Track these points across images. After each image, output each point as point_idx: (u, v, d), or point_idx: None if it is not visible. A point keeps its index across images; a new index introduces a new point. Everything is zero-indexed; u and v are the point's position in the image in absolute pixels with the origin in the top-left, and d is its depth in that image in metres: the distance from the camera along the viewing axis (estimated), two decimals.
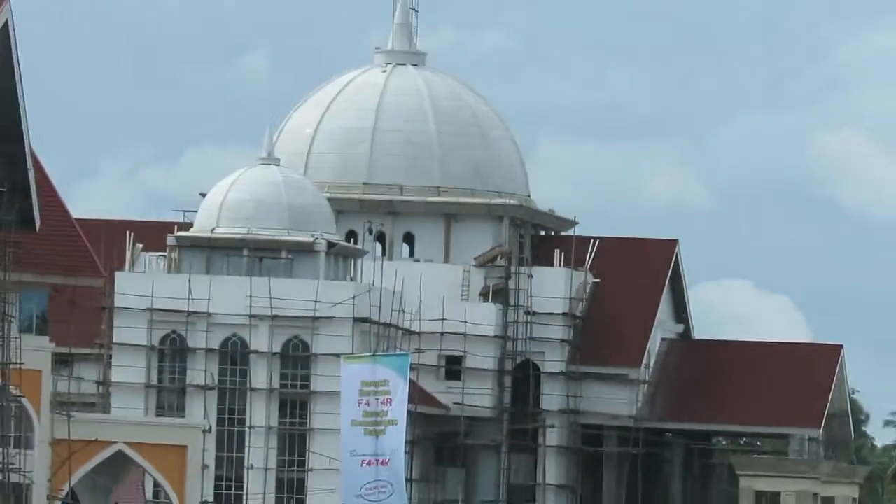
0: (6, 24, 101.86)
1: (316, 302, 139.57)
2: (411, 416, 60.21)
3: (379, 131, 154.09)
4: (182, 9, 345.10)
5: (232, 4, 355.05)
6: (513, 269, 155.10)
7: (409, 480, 56.77)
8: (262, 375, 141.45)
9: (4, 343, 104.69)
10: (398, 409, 59.49)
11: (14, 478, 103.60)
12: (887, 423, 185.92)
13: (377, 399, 59.52)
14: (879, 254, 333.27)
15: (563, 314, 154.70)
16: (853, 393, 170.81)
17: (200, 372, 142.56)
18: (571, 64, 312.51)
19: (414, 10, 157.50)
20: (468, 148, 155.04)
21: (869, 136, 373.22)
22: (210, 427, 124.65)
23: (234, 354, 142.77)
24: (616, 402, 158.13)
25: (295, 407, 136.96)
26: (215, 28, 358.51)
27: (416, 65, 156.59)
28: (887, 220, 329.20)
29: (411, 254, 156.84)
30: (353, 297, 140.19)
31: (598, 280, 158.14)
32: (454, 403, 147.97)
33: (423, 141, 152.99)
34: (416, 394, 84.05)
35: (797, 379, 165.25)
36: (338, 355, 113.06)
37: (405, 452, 63.74)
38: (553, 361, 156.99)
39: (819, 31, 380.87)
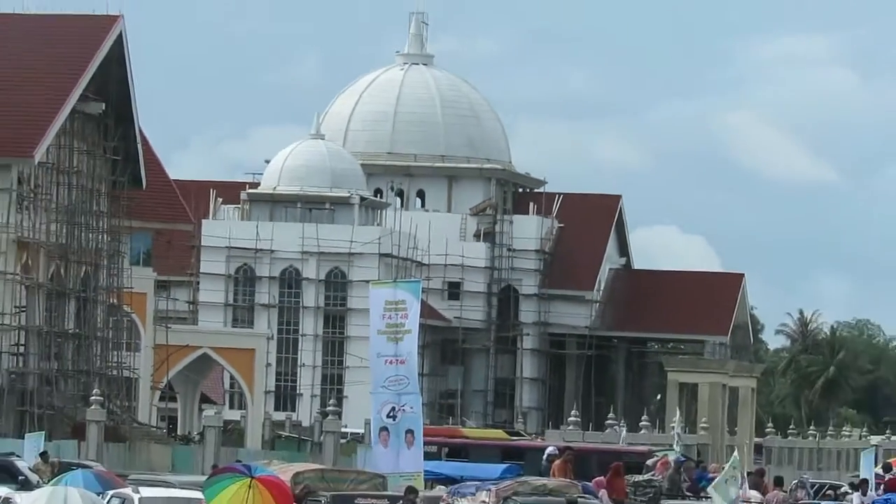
0: (120, 34, 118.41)
1: (351, 242, 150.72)
2: (422, 327, 65.98)
3: (398, 114, 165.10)
4: (253, 21, 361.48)
5: (289, 22, 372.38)
6: (498, 217, 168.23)
7: (421, 375, 64.05)
8: (311, 297, 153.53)
9: (119, 273, 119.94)
10: (412, 322, 63.47)
11: (126, 374, 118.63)
12: (777, 332, 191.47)
13: (397, 314, 67.25)
14: (771, 204, 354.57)
15: (536, 251, 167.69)
16: (752, 309, 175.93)
17: (265, 294, 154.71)
18: (544, 63, 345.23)
19: (425, 23, 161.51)
20: (465, 126, 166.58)
21: (763, 116, 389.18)
22: (272, 335, 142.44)
23: (289, 280, 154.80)
24: (575, 316, 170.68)
25: (335, 320, 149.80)
26: (278, 37, 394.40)
27: (426, 64, 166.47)
28: (776, 179, 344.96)
29: (422, 206, 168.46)
30: (379, 238, 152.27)
31: (562, 225, 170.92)
32: (454, 318, 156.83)
33: (432, 121, 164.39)
34: (426, 310, 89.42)
35: (710, 299, 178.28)
36: (367, 282, 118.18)
37: (418, 354, 66.72)
38: (528, 286, 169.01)
39: (729, 38, 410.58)
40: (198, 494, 45.83)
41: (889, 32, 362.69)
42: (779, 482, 74.37)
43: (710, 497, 65.57)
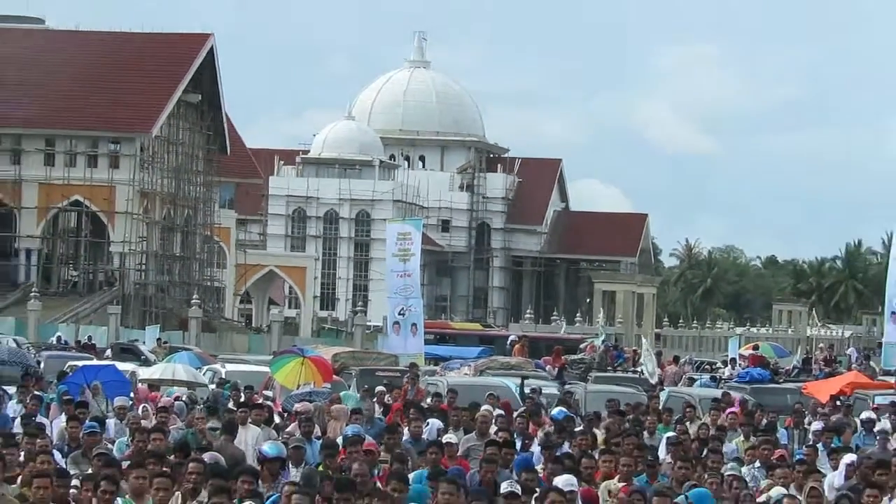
0: (212, 47, 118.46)
1: (373, 192, 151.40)
2: (422, 251, 65.57)
3: (406, 102, 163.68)
4: (305, 33, 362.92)
5: (330, 35, 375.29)
6: (475, 174, 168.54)
7: (421, 285, 63.69)
8: (345, 230, 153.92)
9: (211, 213, 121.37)
10: (416, 247, 60.72)
11: (216, 284, 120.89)
12: (671, 255, 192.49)
13: (405, 242, 66.37)
14: (670, 166, 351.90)
15: (502, 198, 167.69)
16: (653, 239, 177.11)
17: (313, 228, 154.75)
18: (509, 66, 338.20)
19: (424, 39, 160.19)
20: (452, 110, 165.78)
21: (668, 104, 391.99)
22: (318, 257, 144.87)
23: (330, 219, 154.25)
24: (529, 243, 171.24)
25: (362, 246, 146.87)
26: (323, 45, 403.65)
27: (425, 67, 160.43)
28: (675, 148, 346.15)
29: (423, 167, 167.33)
30: (392, 189, 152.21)
31: (520, 180, 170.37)
32: (445, 244, 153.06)
33: (429, 107, 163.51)
34: (425, 240, 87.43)
35: (624, 231, 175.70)
36: (384, 220, 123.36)
37: (420, 270, 66.59)
38: (497, 222, 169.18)
39: (646, 44, 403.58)
40: (266, 368, 46.52)
41: (761, 41, 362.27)
42: (676, 360, 74.56)
43: (625, 370, 65.98)
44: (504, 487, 18.79)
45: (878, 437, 32.39)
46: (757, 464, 25.60)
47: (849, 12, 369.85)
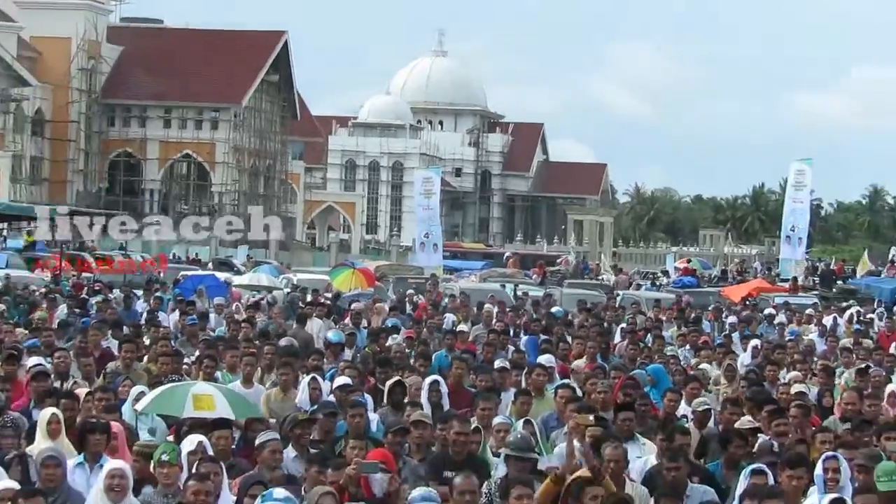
0: (286, 41, 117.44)
1: (404, 147, 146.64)
2: (441, 191, 65.33)
3: (430, 81, 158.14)
4: (354, 28, 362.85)
5: (375, 29, 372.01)
6: (480, 135, 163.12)
7: (441, 216, 63.05)
8: (384, 175, 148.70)
9: (285, 163, 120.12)
10: (436, 188, 61.20)
11: (290, 214, 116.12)
12: (624, 193, 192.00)
13: (428, 184, 66.41)
14: (621, 130, 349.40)
15: (500, 152, 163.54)
16: (611, 182, 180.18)
17: (360, 174, 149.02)
18: (506, 53, 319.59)
19: (442, 34, 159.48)
20: (463, 87, 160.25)
21: (624, 83, 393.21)
22: (364, 195, 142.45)
23: (373, 167, 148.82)
24: (520, 184, 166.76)
25: (397, 188, 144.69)
26: (367, 36, 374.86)
27: (444, 55, 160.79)
28: (625, 114, 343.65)
29: (441, 129, 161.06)
30: (418, 146, 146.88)
31: (513, 139, 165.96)
32: (458, 186, 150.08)
33: (446, 85, 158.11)
34: (443, 182, 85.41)
35: (590, 176, 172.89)
36: (413, 168, 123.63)
37: (439, 205, 65.63)
38: (496, 170, 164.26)
39: (609, 35, 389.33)
40: (326, 277, 47.07)
41: (689, 31, 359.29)
42: (623, 271, 74.49)
43: (591, 278, 65.99)
44: (497, 364, 18.84)
45: (776, 328, 32.90)
46: (687, 347, 25.79)
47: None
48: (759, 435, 13.27)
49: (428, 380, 16.56)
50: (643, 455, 12.82)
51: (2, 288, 38.59)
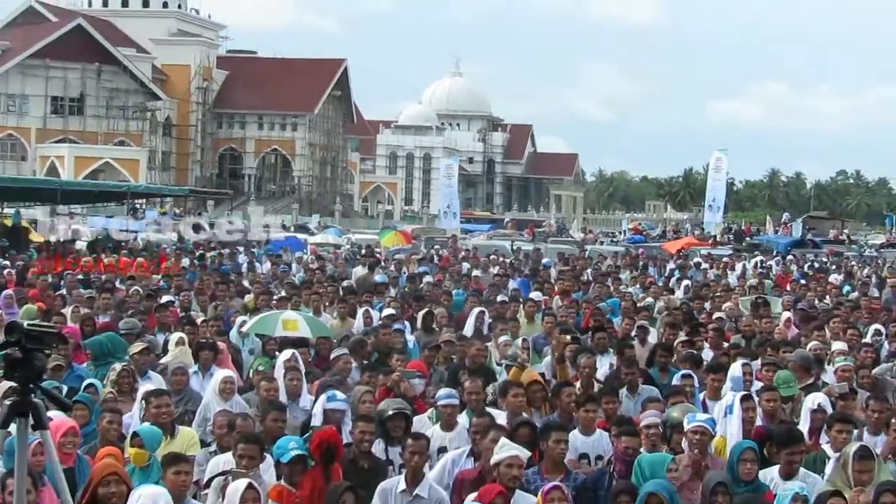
0: (346, 67, 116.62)
1: (432, 143, 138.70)
2: (459, 175, 63.79)
3: (450, 95, 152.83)
4: (389, 55, 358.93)
5: (405, 56, 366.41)
6: (486, 133, 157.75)
7: (459, 192, 62.13)
8: (418, 164, 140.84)
9: (346, 154, 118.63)
10: (455, 172, 56.82)
11: (349, 192, 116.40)
12: (591, 175, 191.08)
13: (450, 170, 64.45)
14: (590, 129, 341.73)
15: (501, 146, 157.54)
16: (581, 166, 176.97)
17: (401, 162, 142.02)
18: (505, 75, 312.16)
19: (458, 61, 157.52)
20: (475, 98, 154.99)
21: (589, 95, 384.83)
22: (403, 178, 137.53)
23: (409, 157, 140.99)
24: (516, 169, 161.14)
25: (427, 171, 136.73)
26: (403, 58, 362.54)
27: (460, 75, 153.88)
28: (592, 118, 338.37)
29: (458, 129, 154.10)
30: (442, 141, 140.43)
31: (510, 136, 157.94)
32: (471, 171, 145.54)
33: (462, 97, 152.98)
34: (460, 168, 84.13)
35: (566, 163, 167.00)
36: (438, 157, 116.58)
37: (457, 183, 64.76)
38: (497, 159, 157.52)
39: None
40: (376, 237, 47.14)
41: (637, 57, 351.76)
42: (590, 231, 74.50)
43: (567, 237, 65.84)
44: (499, 298, 19.01)
45: (702, 272, 33.03)
46: (638, 286, 25.88)
47: None
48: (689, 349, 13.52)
49: (476, 310, 16.72)
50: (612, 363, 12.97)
51: (144, 245, 39.12)
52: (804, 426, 9.52)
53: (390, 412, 8.82)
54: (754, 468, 7.89)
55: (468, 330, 15.54)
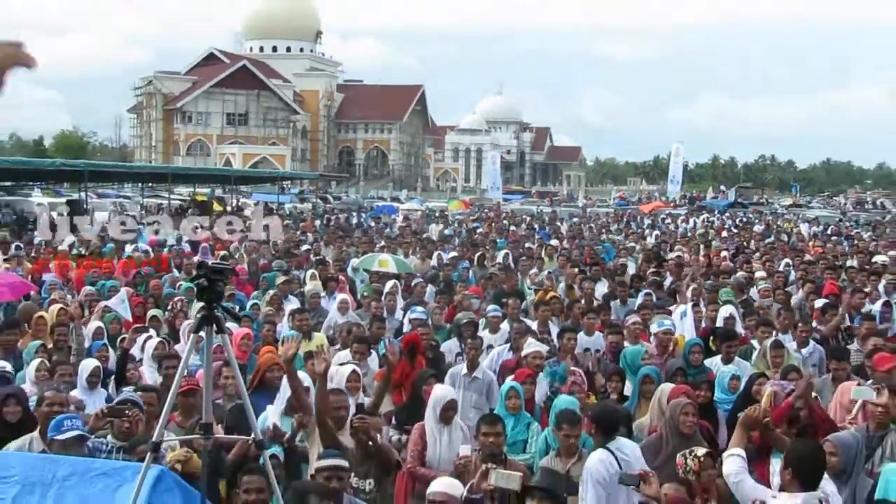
0: (423, 91, 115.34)
1: (482, 142, 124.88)
2: (501, 161, 63.57)
3: (494, 107, 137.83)
4: (453, 80, 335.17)
5: (465, 81, 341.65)
6: (519, 133, 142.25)
7: (500, 174, 60.37)
8: (473, 156, 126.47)
9: (423, 150, 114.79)
10: (498, 160, 61.16)
11: (427, 173, 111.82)
12: (590, 162, 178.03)
13: (495, 159, 66.06)
14: (589, 129, 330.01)
15: (529, 142, 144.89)
16: (584, 155, 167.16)
17: (461, 154, 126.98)
18: (532, 94, 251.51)
19: (501, 84, 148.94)
20: (510, 111, 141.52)
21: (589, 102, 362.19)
22: (462, 165, 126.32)
23: (467, 151, 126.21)
24: (537, 158, 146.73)
25: (479, 161, 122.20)
26: (459, 88, 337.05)
27: (501, 95, 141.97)
28: (588, 121, 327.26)
29: (500, 132, 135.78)
30: (490, 140, 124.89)
31: (535, 135, 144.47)
32: (508, 159, 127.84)
33: (502, 110, 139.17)
34: (501, 158, 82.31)
35: (573, 153, 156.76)
36: (488, 151, 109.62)
37: (500, 168, 63.36)
38: (528, 151, 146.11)
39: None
40: (445, 204, 46.16)
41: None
42: (590, 198, 73.41)
43: (575, 202, 64.69)
44: (527, 245, 18.82)
45: (666, 225, 32.47)
46: (623, 235, 25.63)
47: None
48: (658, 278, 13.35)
49: (502, 252, 16.87)
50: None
51: (289, 212, 39.42)
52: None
53: (464, 321, 8.74)
54: (701, 357, 7.77)
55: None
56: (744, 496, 3.93)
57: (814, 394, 5.91)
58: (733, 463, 4.01)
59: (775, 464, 4.49)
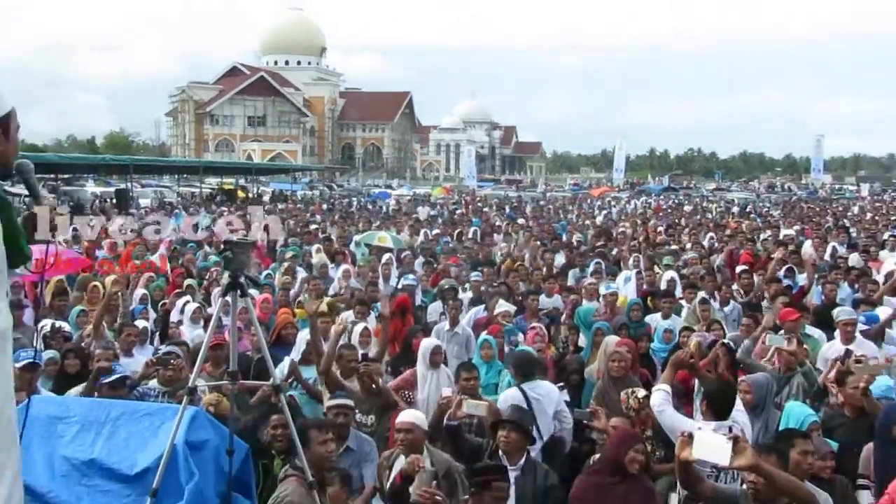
0: (411, 97, 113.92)
1: (460, 139, 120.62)
2: (476, 155, 62.98)
3: (471, 110, 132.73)
4: (431, 88, 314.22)
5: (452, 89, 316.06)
6: (490, 132, 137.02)
7: (475, 165, 59.15)
8: (452, 150, 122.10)
9: (411, 146, 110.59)
10: (473, 154, 59.86)
11: (414, 164, 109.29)
12: (550, 155, 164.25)
13: (470, 153, 66.59)
14: (550, 130, 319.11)
15: (499, 138, 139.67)
16: (545, 150, 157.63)
17: (443, 149, 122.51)
18: (499, 100, 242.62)
19: (474, 92, 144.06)
20: (484, 112, 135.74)
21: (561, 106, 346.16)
22: (443, 158, 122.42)
23: (448, 146, 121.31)
24: (506, 151, 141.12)
25: (457, 154, 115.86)
26: (444, 94, 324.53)
27: (475, 98, 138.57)
28: (554, 122, 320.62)
29: (475, 130, 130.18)
30: (466, 137, 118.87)
31: (503, 132, 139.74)
32: (482, 152, 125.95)
33: (477, 112, 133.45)
34: (476, 153, 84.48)
35: (535, 147, 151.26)
36: (465, 146, 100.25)
37: (475, 160, 60.36)
38: (497, 146, 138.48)
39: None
40: (430, 190, 44.77)
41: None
42: (549, 185, 72.59)
43: (535, 188, 64.17)
44: (497, 223, 18.54)
45: (613, 207, 32.40)
46: (575, 214, 25.52)
47: None
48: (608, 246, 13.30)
49: (472, 229, 16.78)
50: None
51: (301, 197, 38.90)
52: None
53: (447, 286, 8.66)
54: (640, 314, 7.72)
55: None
56: (666, 424, 3.91)
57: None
58: (658, 396, 3.99)
59: (699, 402, 4.57)
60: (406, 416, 4.17)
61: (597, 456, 4.15)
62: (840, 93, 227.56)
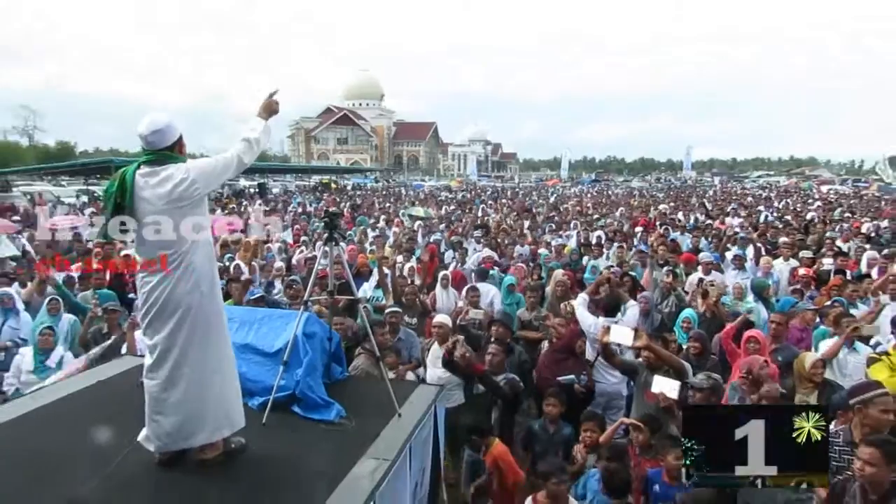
0: (436, 126, 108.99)
1: (465, 151, 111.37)
2: (477, 162, 60.20)
3: (473, 133, 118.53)
4: (453, 116, 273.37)
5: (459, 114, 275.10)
6: (486, 147, 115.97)
7: (477, 168, 55.98)
8: (463, 159, 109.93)
9: (436, 155, 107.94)
10: (475, 162, 59.75)
11: (439, 168, 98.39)
12: (525, 161, 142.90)
13: (473, 161, 65.40)
14: (529, 144, 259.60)
15: (493, 151, 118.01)
16: (516, 155, 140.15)
17: (456, 158, 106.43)
18: (499, 126, 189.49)
19: (476, 121, 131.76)
20: (483, 134, 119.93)
21: (535, 125, 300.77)
22: (457, 164, 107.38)
23: (461, 156, 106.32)
24: (493, 159, 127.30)
25: (463, 163, 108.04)
26: (455, 119, 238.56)
27: (477, 125, 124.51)
28: (538, 135, 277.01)
29: (478, 146, 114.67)
30: (471, 150, 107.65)
31: (492, 146, 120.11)
32: (481, 159, 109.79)
33: (478, 133, 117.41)
34: (477, 161, 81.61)
35: (511, 155, 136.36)
36: (472, 158, 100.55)
37: (477, 165, 57.52)
38: (493, 155, 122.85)
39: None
40: (448, 182, 40.69)
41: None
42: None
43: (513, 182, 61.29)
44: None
45: (559, 191, 31.14)
46: (555, 201, 24.78)
47: None
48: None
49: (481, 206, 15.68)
50: None
51: (370, 188, 35.86)
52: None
53: (456, 240, 8.42)
54: (578, 257, 7.53)
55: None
56: (579, 316, 4.04)
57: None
58: (578, 300, 4.18)
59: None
60: (439, 318, 4.24)
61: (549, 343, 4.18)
62: (703, 118, 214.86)
